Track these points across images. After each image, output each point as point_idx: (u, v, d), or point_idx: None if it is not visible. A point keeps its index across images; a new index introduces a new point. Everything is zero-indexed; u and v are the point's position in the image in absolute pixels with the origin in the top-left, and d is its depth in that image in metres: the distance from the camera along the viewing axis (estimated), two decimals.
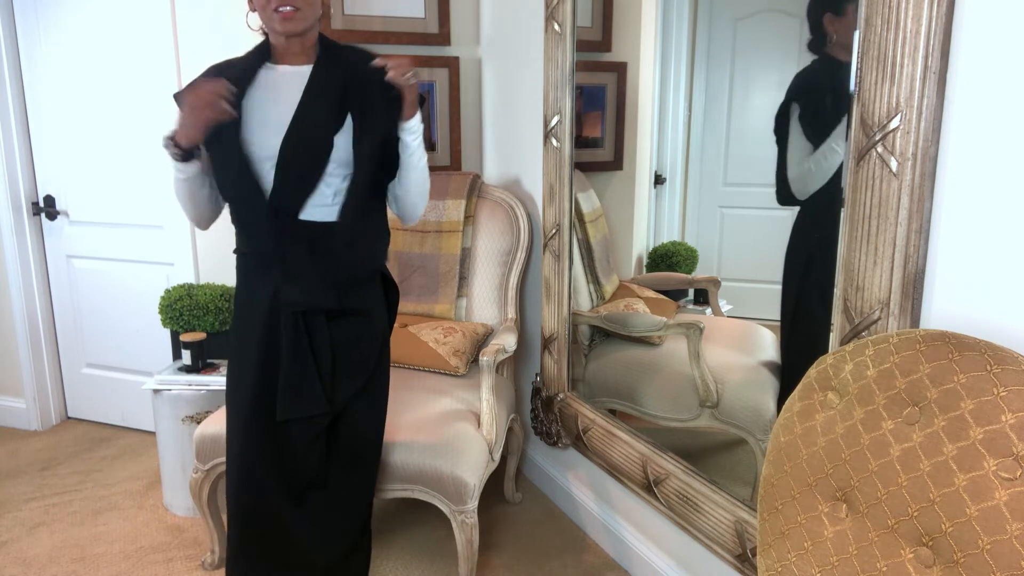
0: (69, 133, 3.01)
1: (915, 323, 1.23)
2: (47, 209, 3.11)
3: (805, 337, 1.65)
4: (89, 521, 2.50)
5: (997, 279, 1.12)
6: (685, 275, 2.10)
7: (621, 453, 2.12)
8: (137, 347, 3.10)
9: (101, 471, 2.86)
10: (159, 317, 2.67)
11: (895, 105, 1.18)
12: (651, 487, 1.99)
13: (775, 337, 1.80)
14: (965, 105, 1.13)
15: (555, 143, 2.29)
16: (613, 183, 2.34)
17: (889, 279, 1.23)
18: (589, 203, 2.37)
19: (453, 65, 2.88)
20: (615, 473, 2.16)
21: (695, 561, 1.92)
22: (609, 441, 2.17)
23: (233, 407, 1.71)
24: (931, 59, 1.14)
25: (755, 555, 1.63)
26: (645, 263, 2.22)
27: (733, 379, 1.88)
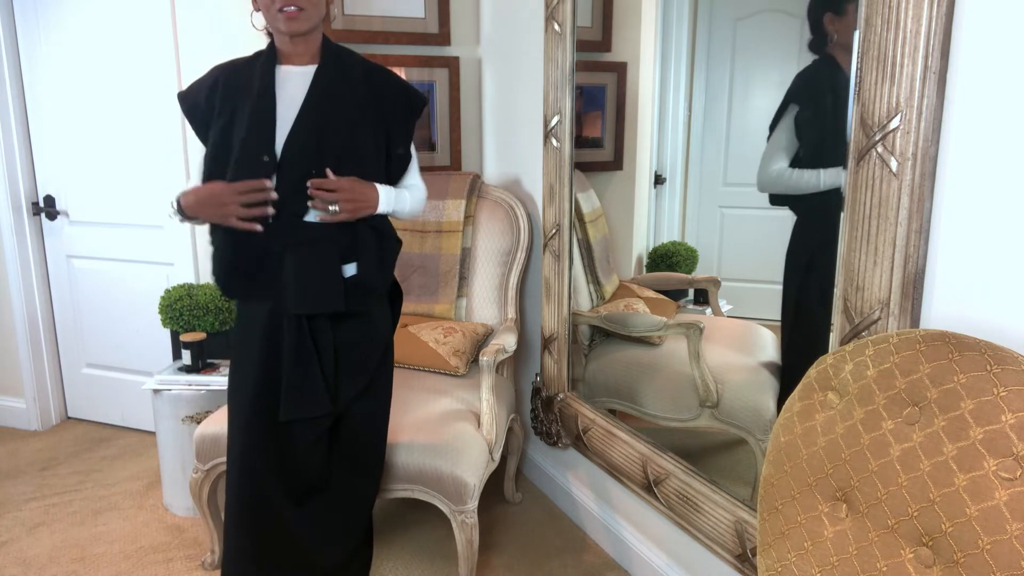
0: (69, 133, 3.01)
1: (915, 323, 1.23)
2: (47, 209, 3.11)
3: (805, 337, 1.65)
4: (89, 521, 2.50)
5: (997, 279, 1.12)
6: (685, 275, 2.10)
7: (621, 453, 2.12)
8: (137, 347, 3.10)
9: (101, 471, 2.86)
10: (159, 317, 2.67)
11: (895, 105, 1.18)
12: (651, 487, 1.99)
13: (775, 337, 1.80)
14: (965, 105, 1.13)
15: (555, 143, 2.29)
16: (613, 183, 2.34)
17: (889, 279, 1.24)
18: (589, 203, 2.37)
19: (453, 65, 2.88)
20: (615, 473, 2.16)
21: (695, 561, 1.92)
22: (609, 441, 2.18)
23: (235, 408, 1.71)
24: (931, 59, 1.14)
25: (755, 555, 1.63)
26: (645, 263, 2.22)
27: (733, 379, 1.88)
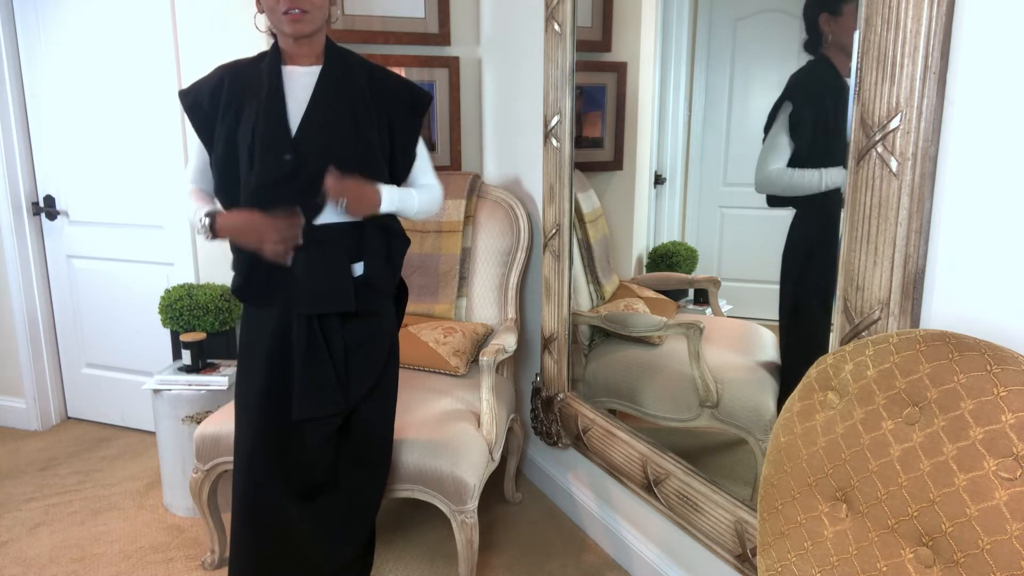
0: (69, 133, 3.01)
1: (915, 323, 1.23)
2: (47, 209, 3.11)
3: (804, 337, 1.65)
4: (89, 521, 2.50)
5: (997, 279, 1.12)
6: (685, 275, 2.10)
7: (621, 453, 2.12)
8: (137, 347, 3.10)
9: (101, 471, 2.86)
10: (159, 317, 2.67)
11: (895, 105, 1.18)
12: (651, 487, 1.99)
13: (775, 337, 1.80)
14: (965, 105, 1.13)
15: (555, 143, 2.29)
16: (613, 183, 2.34)
17: (889, 279, 1.24)
18: (589, 203, 2.37)
19: (453, 65, 2.88)
20: (615, 473, 2.16)
21: (695, 561, 1.92)
22: (609, 441, 2.17)
23: (243, 408, 1.71)
24: (931, 59, 1.14)
25: (755, 555, 1.63)
26: (645, 263, 2.22)
27: (733, 379, 1.88)
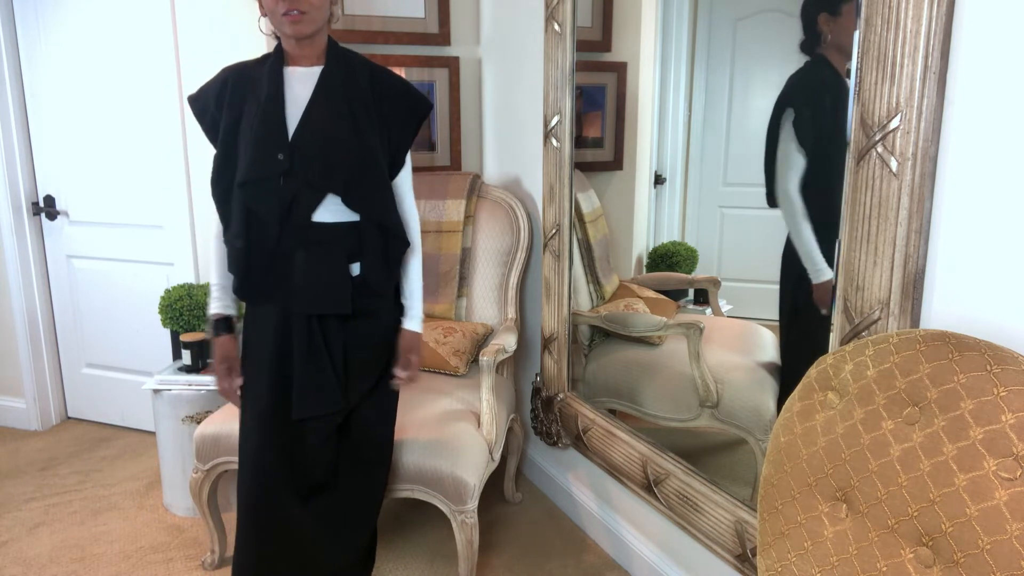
0: (69, 133, 3.01)
1: (915, 323, 1.23)
2: (47, 209, 3.11)
3: (804, 337, 1.65)
4: (89, 521, 2.50)
5: (997, 279, 1.12)
6: (685, 275, 2.10)
7: (621, 453, 2.12)
8: (137, 347, 3.10)
9: (101, 471, 2.86)
10: (159, 317, 2.67)
11: (895, 105, 1.18)
12: (651, 487, 1.99)
13: (775, 337, 1.80)
14: (965, 105, 1.13)
15: (555, 143, 2.29)
16: (613, 183, 2.34)
17: (889, 279, 1.23)
18: (589, 203, 2.37)
19: (453, 65, 2.88)
20: (615, 473, 2.16)
21: (695, 561, 1.92)
22: (609, 441, 2.17)
23: (246, 407, 1.71)
24: (931, 59, 1.14)
25: (755, 555, 1.63)
26: (645, 263, 2.22)
27: (733, 379, 1.88)
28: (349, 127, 1.60)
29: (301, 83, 1.61)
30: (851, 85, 1.27)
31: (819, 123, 1.53)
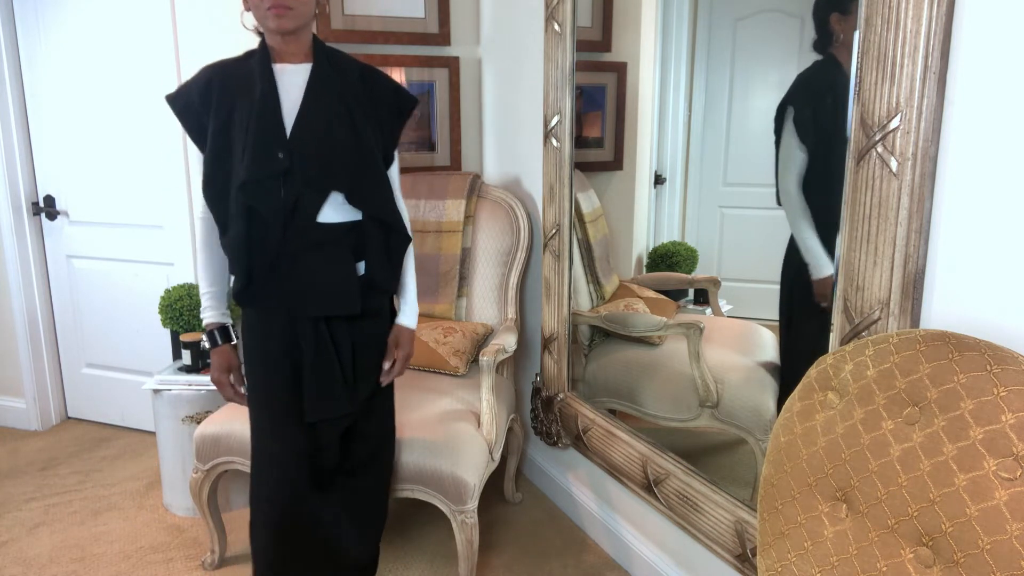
0: (69, 133, 3.01)
1: (915, 323, 1.23)
2: (47, 209, 3.11)
3: (804, 337, 1.65)
4: (89, 521, 2.50)
5: (997, 279, 1.12)
6: (685, 275, 2.10)
7: (621, 453, 2.12)
8: (137, 347, 3.10)
9: (101, 471, 2.86)
10: (159, 317, 2.67)
11: (895, 105, 1.18)
12: (651, 487, 1.99)
13: (775, 337, 1.80)
14: (965, 105, 1.13)
15: (555, 143, 2.29)
16: (613, 183, 2.34)
17: (889, 279, 1.24)
18: (589, 203, 2.37)
19: (453, 65, 2.88)
20: (615, 473, 2.16)
21: (695, 561, 1.92)
22: (609, 441, 2.17)
23: (255, 409, 1.71)
24: (931, 59, 1.14)
25: (755, 555, 1.63)
26: (645, 263, 2.22)
27: (733, 379, 1.88)
28: (346, 124, 1.59)
29: (292, 81, 1.59)
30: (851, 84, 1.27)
31: (820, 121, 1.53)
